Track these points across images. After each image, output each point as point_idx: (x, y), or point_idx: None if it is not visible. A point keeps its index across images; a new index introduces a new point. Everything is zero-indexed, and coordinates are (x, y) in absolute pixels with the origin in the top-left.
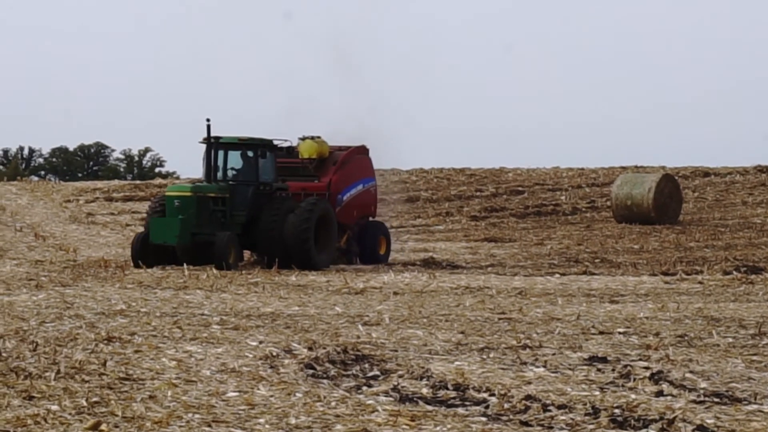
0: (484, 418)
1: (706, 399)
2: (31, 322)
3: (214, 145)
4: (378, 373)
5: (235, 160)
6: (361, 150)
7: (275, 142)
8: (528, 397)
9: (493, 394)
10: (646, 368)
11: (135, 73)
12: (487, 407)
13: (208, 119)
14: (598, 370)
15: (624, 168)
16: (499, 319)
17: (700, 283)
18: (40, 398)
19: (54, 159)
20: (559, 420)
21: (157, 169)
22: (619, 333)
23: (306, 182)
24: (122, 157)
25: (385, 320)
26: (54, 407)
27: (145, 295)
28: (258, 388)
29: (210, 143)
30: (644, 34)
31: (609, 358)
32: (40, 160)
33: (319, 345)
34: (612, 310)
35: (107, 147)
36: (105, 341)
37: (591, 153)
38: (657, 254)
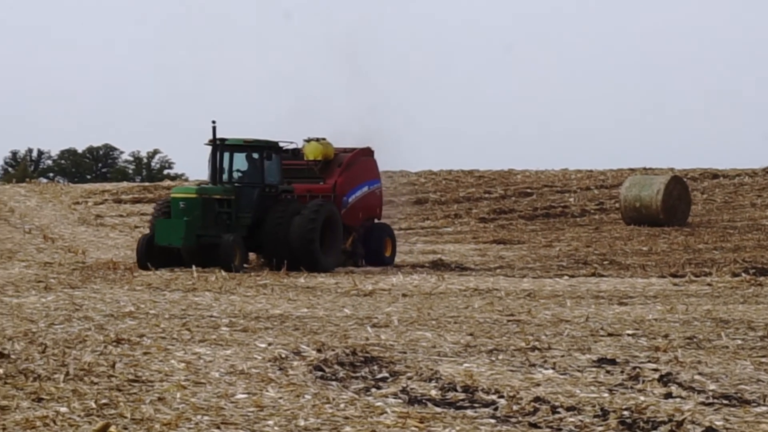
0: (492, 420)
1: (715, 401)
2: (39, 324)
3: (219, 146)
4: (387, 375)
5: (241, 161)
6: (366, 152)
7: (281, 144)
8: (537, 399)
9: (502, 396)
10: (655, 370)
11: (144, 75)
12: (495, 409)
13: (213, 121)
14: (607, 372)
15: (632, 170)
16: (508, 321)
17: (709, 285)
18: (49, 400)
19: (63, 161)
20: (568, 422)
21: (166, 171)
22: (628, 335)
23: (311, 184)
24: (131, 159)
25: (393, 322)
26: (63, 409)
27: (153, 297)
28: (267, 390)
29: (215, 145)
30: (654, 36)
31: (618, 360)
32: (49, 162)
33: (327, 347)
34: (621, 312)
35: (116, 149)
36: (114, 343)
37: (599, 155)
38: (666, 256)
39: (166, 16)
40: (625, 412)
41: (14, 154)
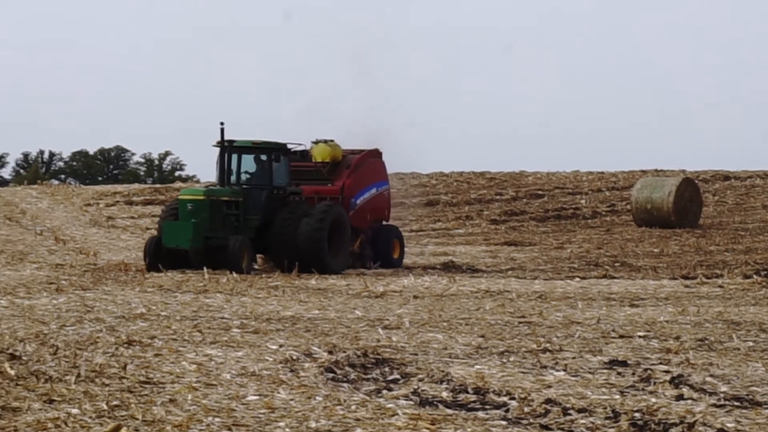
0: (504, 422)
1: (727, 403)
2: (51, 326)
3: (227, 148)
4: (398, 376)
5: (249, 163)
6: (375, 153)
7: (289, 146)
8: (548, 400)
9: (513, 398)
10: (667, 372)
11: (155, 77)
12: (507, 411)
13: (221, 122)
14: (619, 373)
15: (644, 172)
16: (519, 322)
17: (721, 287)
18: (60, 402)
19: (74, 163)
20: (579, 424)
21: (177, 173)
22: (639, 337)
23: (319, 186)
24: (142, 160)
25: (405, 324)
26: (74, 411)
27: (165, 298)
28: (278, 392)
29: (224, 147)
30: (668, 37)
31: (629, 362)
32: (61, 163)
33: (339, 348)
34: (632, 314)
35: (127, 151)
36: (125, 345)
37: (611, 157)
38: (677, 258)
39: (177, 20)
40: (637, 414)
41: (26, 156)
